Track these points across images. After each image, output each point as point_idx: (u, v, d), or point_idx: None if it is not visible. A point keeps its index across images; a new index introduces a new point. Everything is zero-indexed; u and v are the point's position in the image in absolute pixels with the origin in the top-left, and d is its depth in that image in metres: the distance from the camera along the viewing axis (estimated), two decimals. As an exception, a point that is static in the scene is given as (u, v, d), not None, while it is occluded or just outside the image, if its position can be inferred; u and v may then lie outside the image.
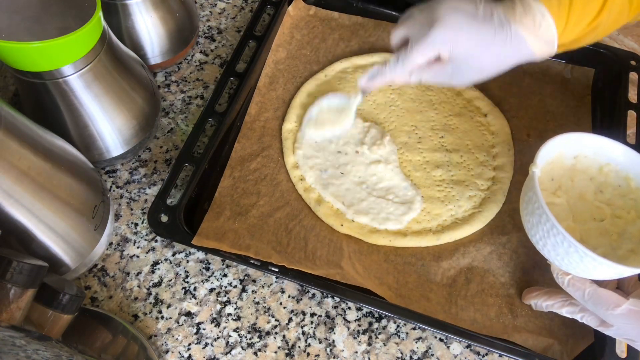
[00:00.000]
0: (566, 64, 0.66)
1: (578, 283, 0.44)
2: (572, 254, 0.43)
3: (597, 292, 0.43)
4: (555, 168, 0.50)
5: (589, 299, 0.43)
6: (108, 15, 0.58)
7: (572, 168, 0.51)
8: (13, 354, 0.32)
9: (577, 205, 0.50)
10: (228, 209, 0.54)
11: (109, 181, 0.58)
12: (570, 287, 0.45)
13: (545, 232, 0.44)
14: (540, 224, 0.45)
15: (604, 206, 0.49)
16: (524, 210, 0.48)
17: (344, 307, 0.52)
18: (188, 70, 0.67)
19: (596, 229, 0.49)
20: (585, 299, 0.44)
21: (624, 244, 0.47)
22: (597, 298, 0.43)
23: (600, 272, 0.43)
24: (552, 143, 0.48)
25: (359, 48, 0.67)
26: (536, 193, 0.44)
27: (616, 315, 0.42)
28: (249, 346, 0.50)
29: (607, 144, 0.49)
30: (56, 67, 0.46)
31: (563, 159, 0.50)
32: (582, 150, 0.50)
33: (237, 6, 0.73)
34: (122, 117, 0.53)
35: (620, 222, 0.49)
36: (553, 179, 0.50)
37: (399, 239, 0.54)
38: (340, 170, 0.57)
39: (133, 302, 0.52)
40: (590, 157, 0.50)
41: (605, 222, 0.49)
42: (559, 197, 0.50)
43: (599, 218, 0.49)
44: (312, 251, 0.52)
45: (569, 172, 0.51)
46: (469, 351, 0.50)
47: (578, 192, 0.50)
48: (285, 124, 0.61)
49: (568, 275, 0.45)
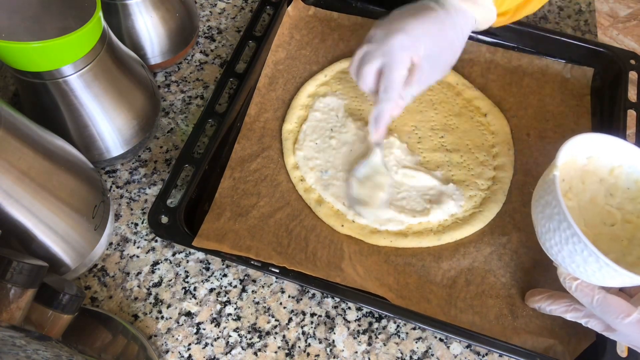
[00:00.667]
0: (566, 64, 0.66)
1: (587, 289, 0.43)
2: (592, 263, 0.42)
3: (606, 299, 0.42)
4: (567, 169, 0.49)
5: (597, 305, 0.43)
6: (108, 15, 0.58)
7: (584, 169, 0.50)
8: (13, 354, 0.32)
9: (588, 209, 0.49)
10: (228, 209, 0.54)
11: (109, 181, 0.58)
12: (578, 292, 0.44)
13: (563, 239, 0.43)
14: (559, 230, 0.43)
15: (615, 210, 0.49)
16: (539, 213, 0.46)
17: (344, 307, 0.52)
18: (188, 70, 0.67)
19: (607, 234, 0.48)
20: (593, 305, 0.43)
21: (634, 250, 0.47)
22: (606, 305, 0.42)
23: (617, 281, 0.42)
24: (571, 143, 0.47)
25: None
26: (557, 198, 0.43)
27: (625, 324, 0.41)
28: (249, 346, 0.50)
29: (621, 146, 0.48)
30: (56, 67, 0.46)
31: (576, 160, 0.49)
32: (596, 151, 0.49)
33: (237, 6, 0.73)
34: (122, 117, 0.53)
35: (630, 227, 0.48)
36: (564, 180, 0.49)
37: (399, 239, 0.54)
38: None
39: (133, 302, 0.51)
40: (602, 158, 0.49)
41: (616, 227, 0.48)
42: (571, 200, 0.49)
43: (609, 223, 0.48)
44: (313, 252, 0.52)
45: (580, 173, 0.50)
46: (469, 351, 0.50)
47: (589, 196, 0.50)
48: (285, 125, 0.61)
49: (576, 281, 0.44)
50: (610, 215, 0.49)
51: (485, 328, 0.49)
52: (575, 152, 0.49)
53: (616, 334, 0.43)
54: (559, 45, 0.66)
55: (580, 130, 0.50)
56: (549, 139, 0.61)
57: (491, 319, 0.50)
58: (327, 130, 0.60)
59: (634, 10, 0.81)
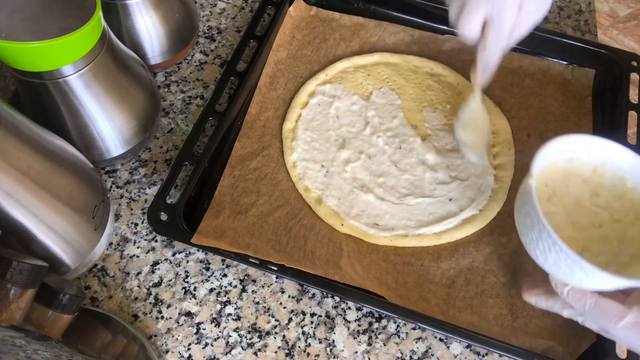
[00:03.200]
0: (567, 65, 0.66)
1: (578, 294, 0.42)
2: (577, 271, 0.41)
3: (599, 303, 0.41)
4: (548, 173, 0.48)
5: (590, 310, 0.42)
6: (108, 15, 0.58)
7: (566, 172, 0.49)
8: (13, 354, 0.32)
9: (575, 212, 0.48)
10: (228, 207, 0.54)
11: (109, 181, 0.58)
12: (570, 297, 0.43)
13: (546, 248, 0.42)
14: (541, 240, 0.42)
15: (601, 211, 0.48)
16: (521, 223, 0.45)
17: (344, 307, 0.52)
18: (188, 70, 0.67)
19: (596, 236, 0.47)
20: (586, 310, 0.42)
21: (625, 249, 0.46)
22: (599, 310, 0.41)
23: (607, 285, 0.41)
24: (545, 150, 0.46)
25: (359, 48, 0.67)
26: (534, 207, 0.42)
27: (619, 328, 0.40)
28: (249, 346, 0.50)
29: (600, 144, 0.48)
30: (56, 67, 0.46)
31: (557, 163, 0.49)
32: (576, 152, 0.48)
33: (237, 6, 0.73)
34: (122, 117, 0.53)
35: (619, 226, 0.47)
36: (547, 185, 0.48)
37: (399, 238, 0.54)
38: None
39: (133, 302, 0.52)
40: (584, 158, 0.49)
41: (604, 227, 0.47)
42: (555, 205, 0.48)
43: (597, 224, 0.48)
44: (312, 250, 0.52)
45: (563, 176, 0.49)
46: (469, 351, 0.50)
47: (574, 199, 0.49)
48: (286, 124, 0.61)
49: (567, 286, 0.43)
50: (598, 216, 0.48)
51: (484, 328, 0.49)
52: (555, 156, 0.48)
53: (611, 336, 0.43)
54: (561, 47, 0.66)
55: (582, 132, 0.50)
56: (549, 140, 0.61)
57: (490, 319, 0.50)
58: (325, 121, 0.61)
59: (634, 10, 0.81)
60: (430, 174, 0.58)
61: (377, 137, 0.60)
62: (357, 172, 0.58)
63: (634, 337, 0.40)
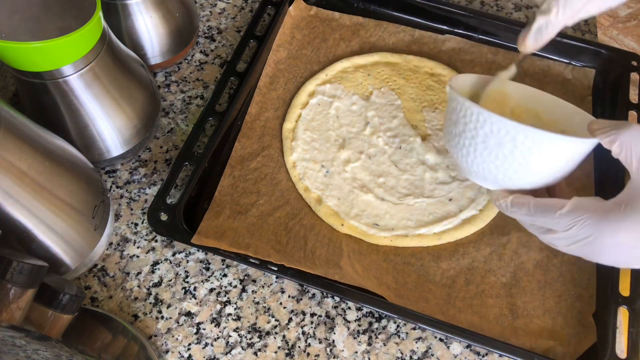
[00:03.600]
0: (567, 65, 0.66)
1: (521, 199, 0.43)
2: (507, 143, 0.39)
3: (541, 200, 0.42)
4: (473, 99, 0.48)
5: (535, 210, 0.42)
6: (108, 15, 0.58)
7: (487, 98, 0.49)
8: (13, 354, 0.32)
9: None
10: (228, 208, 0.55)
11: (109, 181, 0.58)
12: (514, 207, 0.43)
13: (473, 135, 0.41)
14: (467, 129, 0.41)
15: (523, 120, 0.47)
16: (447, 134, 0.44)
17: (344, 307, 0.52)
18: (188, 70, 0.67)
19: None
20: (531, 212, 0.42)
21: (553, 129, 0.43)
22: (543, 206, 0.41)
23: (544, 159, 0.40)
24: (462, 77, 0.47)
25: (359, 48, 0.67)
26: (456, 99, 0.41)
27: (565, 214, 0.40)
28: (249, 346, 0.50)
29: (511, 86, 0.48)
30: (56, 67, 0.46)
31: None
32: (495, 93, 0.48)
33: (237, 6, 0.73)
34: (122, 117, 0.53)
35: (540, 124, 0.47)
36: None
37: (400, 238, 0.54)
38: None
39: (133, 302, 0.52)
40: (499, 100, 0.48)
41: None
42: None
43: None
44: (312, 250, 0.52)
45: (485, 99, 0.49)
46: (469, 351, 0.50)
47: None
48: (286, 124, 0.61)
49: (509, 196, 0.43)
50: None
51: (484, 328, 0.49)
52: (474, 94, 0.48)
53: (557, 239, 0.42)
54: (561, 46, 0.66)
55: None
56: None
57: (490, 319, 0.50)
58: (325, 121, 0.61)
59: (634, 10, 0.81)
60: (430, 174, 0.58)
61: (377, 137, 0.60)
62: (357, 172, 0.58)
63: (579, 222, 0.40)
